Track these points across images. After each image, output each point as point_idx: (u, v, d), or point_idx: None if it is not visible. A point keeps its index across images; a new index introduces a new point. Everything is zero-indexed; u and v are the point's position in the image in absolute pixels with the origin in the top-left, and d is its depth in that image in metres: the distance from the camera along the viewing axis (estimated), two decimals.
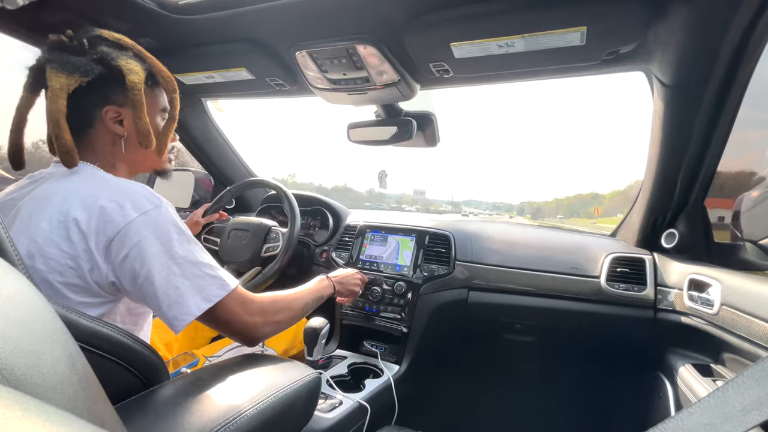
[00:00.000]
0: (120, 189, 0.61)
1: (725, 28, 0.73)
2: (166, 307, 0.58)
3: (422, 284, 1.25)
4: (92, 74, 0.64)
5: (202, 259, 0.63)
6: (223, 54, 1.09)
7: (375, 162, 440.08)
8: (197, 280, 0.61)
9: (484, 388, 1.46)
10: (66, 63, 0.62)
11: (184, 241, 0.62)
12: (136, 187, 0.63)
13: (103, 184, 0.62)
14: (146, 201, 0.61)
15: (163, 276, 0.58)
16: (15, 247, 0.45)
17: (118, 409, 0.47)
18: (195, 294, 0.60)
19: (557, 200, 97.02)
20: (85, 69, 0.63)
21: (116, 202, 0.59)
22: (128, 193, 0.61)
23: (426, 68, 1.01)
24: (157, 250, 0.58)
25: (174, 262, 0.59)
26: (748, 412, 0.28)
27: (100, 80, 0.64)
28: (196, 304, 0.59)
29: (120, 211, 0.58)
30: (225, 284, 0.63)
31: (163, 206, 0.62)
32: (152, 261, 0.58)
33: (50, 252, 0.56)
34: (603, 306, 1.11)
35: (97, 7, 0.93)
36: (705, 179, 0.99)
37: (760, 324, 0.70)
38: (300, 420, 0.67)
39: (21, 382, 0.26)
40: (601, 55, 0.88)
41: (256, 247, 1.25)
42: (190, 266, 0.61)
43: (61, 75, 0.61)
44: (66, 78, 0.62)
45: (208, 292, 0.61)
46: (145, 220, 0.59)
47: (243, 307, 0.66)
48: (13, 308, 0.30)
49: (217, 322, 0.65)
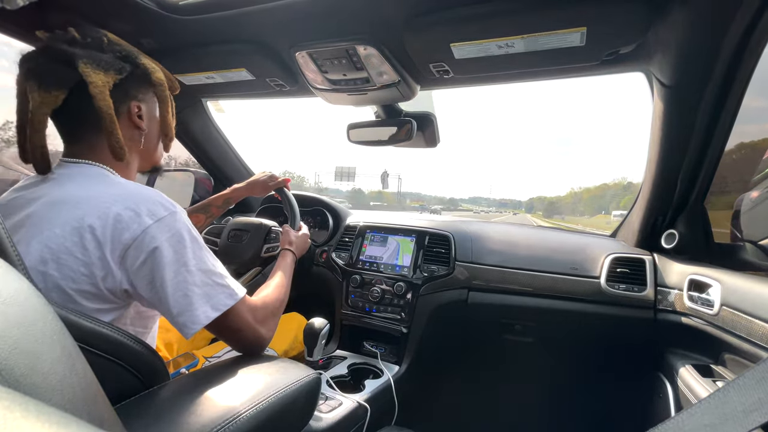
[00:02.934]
0: (134, 195, 0.60)
1: (725, 28, 0.73)
2: (177, 313, 0.58)
3: (422, 285, 1.25)
4: (125, 71, 0.65)
5: (212, 267, 0.63)
6: (223, 54, 1.09)
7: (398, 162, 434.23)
8: (207, 288, 0.61)
9: (484, 388, 1.46)
10: (99, 60, 0.61)
11: (197, 248, 0.62)
12: (150, 193, 0.62)
13: (117, 189, 0.61)
14: (161, 207, 0.60)
15: (176, 283, 0.58)
16: (15, 247, 0.45)
17: (118, 409, 0.47)
18: (204, 302, 0.60)
19: (574, 193, 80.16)
20: (118, 66, 0.64)
21: (132, 210, 0.58)
22: (143, 199, 0.60)
23: (426, 69, 1.01)
24: (172, 257, 0.58)
25: (186, 269, 0.59)
26: (750, 413, 0.28)
27: (128, 78, 0.66)
28: (204, 312, 0.59)
29: (136, 219, 0.57)
30: (233, 293, 0.63)
31: (178, 212, 0.62)
32: (167, 268, 0.58)
33: (64, 259, 0.55)
34: (603, 306, 1.11)
35: (98, 7, 0.93)
36: (705, 179, 0.99)
37: (760, 324, 0.70)
38: (300, 420, 0.67)
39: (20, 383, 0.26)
40: (601, 56, 0.88)
41: (256, 248, 1.25)
42: (202, 274, 0.61)
43: (99, 72, 0.61)
44: (104, 75, 0.61)
45: (217, 301, 0.61)
46: (161, 227, 0.58)
47: (251, 315, 0.66)
48: (13, 309, 0.30)
49: (224, 331, 0.65)
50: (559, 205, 61.20)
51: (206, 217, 1.08)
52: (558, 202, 65.43)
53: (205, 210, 1.08)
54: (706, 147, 0.93)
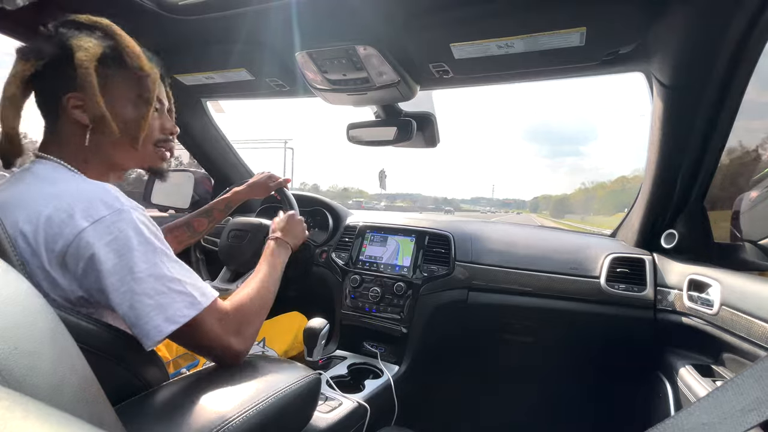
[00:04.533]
0: (71, 194, 0.52)
1: (725, 28, 0.73)
2: (130, 324, 0.52)
3: (422, 285, 1.25)
4: (47, 57, 0.57)
5: (169, 272, 0.54)
6: (222, 55, 1.10)
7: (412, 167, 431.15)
8: (161, 298, 0.52)
9: (483, 388, 1.46)
10: (27, 50, 0.57)
11: (149, 251, 0.53)
12: (93, 189, 0.54)
13: (57, 188, 0.53)
14: (102, 206, 0.52)
15: (121, 294, 0.51)
16: (15, 247, 0.45)
17: (118, 410, 0.47)
18: (157, 314, 0.52)
19: (585, 190, 67.43)
20: (38, 52, 0.56)
21: (64, 210, 0.50)
22: (80, 197, 0.52)
23: (426, 69, 1.01)
24: (114, 264, 0.50)
25: (133, 277, 0.51)
26: (748, 412, 0.28)
27: (57, 64, 0.57)
28: (156, 326, 0.51)
29: (68, 221, 0.50)
30: (195, 302, 0.54)
31: (125, 210, 0.53)
32: (109, 277, 0.50)
33: None
34: (603, 306, 1.11)
35: (97, 7, 0.93)
36: (705, 179, 1.00)
37: (759, 324, 0.70)
38: (300, 420, 0.67)
39: (20, 383, 0.26)
40: (600, 56, 0.88)
41: (256, 248, 1.25)
42: (154, 281, 0.52)
43: (20, 61, 0.56)
44: (22, 64, 0.56)
45: (173, 312, 0.52)
46: (98, 230, 0.50)
47: (220, 325, 0.58)
48: (13, 309, 0.30)
49: (189, 344, 0.58)
50: (569, 204, 52.25)
51: (209, 221, 1.07)
52: (567, 201, 56.03)
53: (208, 214, 1.07)
54: (706, 147, 0.93)
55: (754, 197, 0.82)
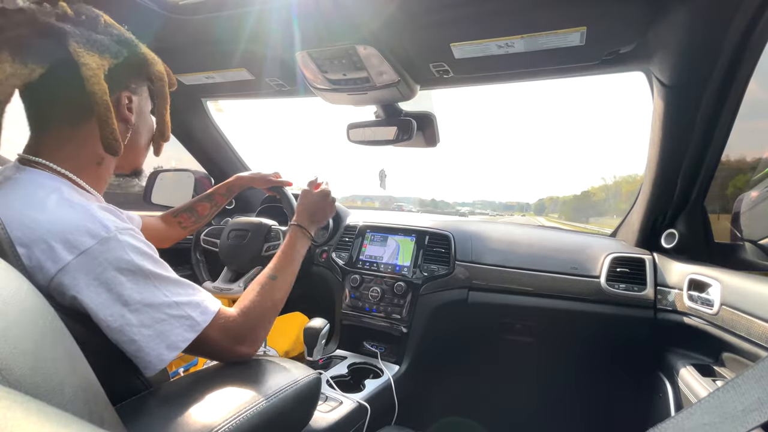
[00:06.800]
0: (54, 219, 0.48)
1: (725, 28, 0.73)
2: (131, 355, 0.50)
3: (422, 284, 1.25)
4: (121, 57, 0.56)
5: (164, 298, 0.52)
6: (223, 54, 1.10)
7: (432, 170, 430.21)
8: (160, 326, 0.51)
9: (484, 388, 1.46)
10: (93, 41, 0.54)
11: (141, 281, 0.50)
12: (79, 215, 0.49)
13: (42, 207, 0.49)
14: (87, 235, 0.48)
15: (118, 328, 0.49)
16: (15, 247, 0.45)
17: (118, 409, 0.47)
18: (158, 343, 0.50)
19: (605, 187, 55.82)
20: (114, 51, 0.56)
21: (44, 241, 0.46)
22: (63, 225, 0.48)
23: (426, 68, 1.01)
24: (105, 299, 0.48)
25: (128, 310, 0.49)
26: (749, 412, 0.28)
27: (122, 64, 0.57)
28: (158, 356, 0.50)
29: (50, 254, 0.46)
30: (194, 323, 0.53)
31: (112, 237, 0.49)
32: (101, 312, 0.48)
33: None
34: (603, 306, 1.11)
35: (97, 7, 0.93)
36: (705, 179, 1.00)
37: (760, 324, 0.70)
38: (300, 420, 0.67)
39: (21, 383, 0.26)
40: (600, 56, 0.88)
41: (257, 247, 1.25)
42: (150, 311, 0.50)
43: (93, 53, 0.53)
44: (99, 57, 0.53)
45: (174, 338, 0.51)
46: (83, 263, 0.47)
47: (226, 336, 0.58)
48: (13, 309, 0.30)
49: (196, 355, 0.58)
50: (588, 203, 42.45)
51: (211, 206, 1.06)
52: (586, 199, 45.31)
53: (210, 198, 1.06)
54: (706, 146, 0.93)
55: (754, 197, 0.82)
